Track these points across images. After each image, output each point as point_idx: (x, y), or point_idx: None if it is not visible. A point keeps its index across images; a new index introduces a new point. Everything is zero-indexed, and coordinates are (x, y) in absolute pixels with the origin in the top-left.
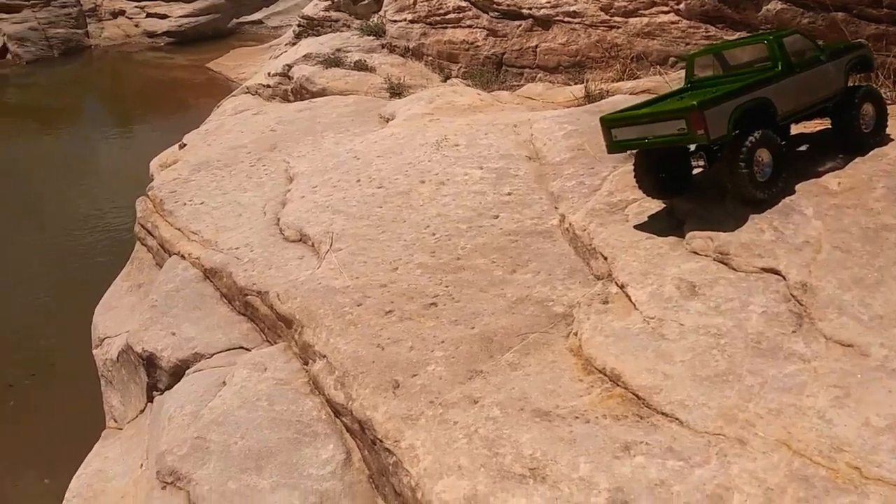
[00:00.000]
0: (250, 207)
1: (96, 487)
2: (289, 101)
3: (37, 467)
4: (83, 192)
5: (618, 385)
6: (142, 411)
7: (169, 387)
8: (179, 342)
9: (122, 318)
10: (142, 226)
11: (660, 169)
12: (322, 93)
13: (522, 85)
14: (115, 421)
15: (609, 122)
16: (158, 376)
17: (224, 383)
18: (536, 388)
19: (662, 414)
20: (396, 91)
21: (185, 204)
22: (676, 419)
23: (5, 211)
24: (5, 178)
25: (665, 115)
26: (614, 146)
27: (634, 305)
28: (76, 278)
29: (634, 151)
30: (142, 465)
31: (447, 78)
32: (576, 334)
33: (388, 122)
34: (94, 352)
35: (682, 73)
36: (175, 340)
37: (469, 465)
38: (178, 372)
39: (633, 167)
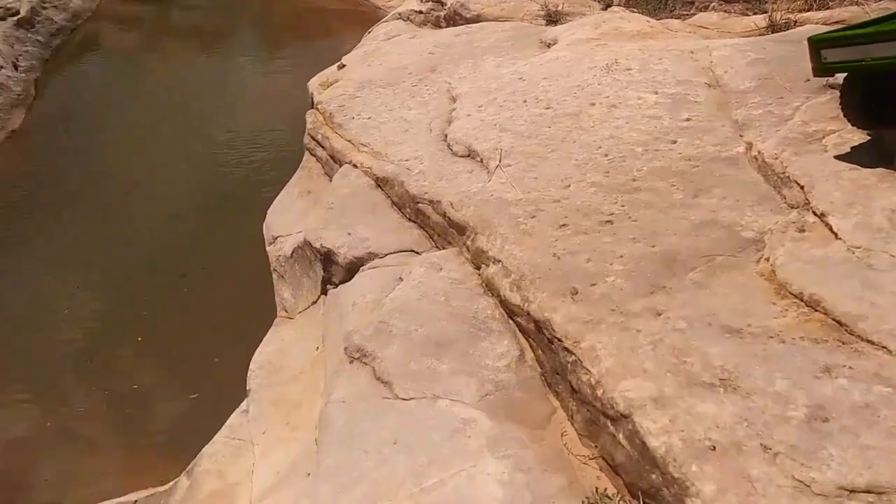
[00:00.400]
0: (416, 124)
1: (276, 363)
2: (440, 27)
3: (208, 348)
4: (243, 109)
5: (816, 311)
6: (314, 303)
7: (343, 281)
8: (355, 241)
9: (293, 220)
10: (311, 136)
11: (871, 95)
12: (476, 19)
13: (693, 14)
14: (286, 311)
15: (818, 43)
16: (334, 271)
17: (401, 279)
18: (725, 307)
19: (868, 342)
20: (553, 18)
21: (353, 118)
22: (884, 348)
23: (178, 125)
24: (173, 96)
25: (888, 34)
26: (823, 69)
27: (836, 235)
28: (245, 187)
29: (834, 81)
30: (317, 348)
31: (608, 6)
32: (767, 259)
33: (549, 47)
34: (268, 249)
35: (884, 4)
36: (350, 240)
37: (654, 369)
38: (352, 268)
39: (839, 93)
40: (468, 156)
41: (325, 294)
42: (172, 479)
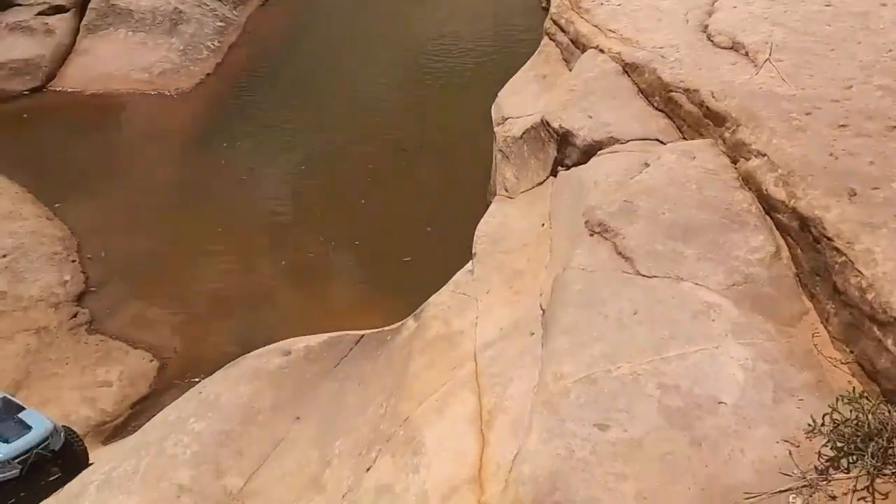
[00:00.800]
0: (670, 13)
1: (499, 234)
2: None
3: (420, 218)
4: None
5: None
6: (539, 184)
7: (577, 163)
8: (596, 125)
9: (526, 102)
10: (554, 21)
11: None
12: None
13: None
14: (506, 191)
15: None
16: (568, 153)
17: (647, 164)
18: None
19: None
20: None
21: (601, 4)
22: None
23: (402, 19)
24: None
25: None
26: None
27: None
28: (468, 74)
29: None
30: (542, 224)
31: None
32: None
33: None
34: (496, 129)
35: None
36: (592, 123)
37: None
38: (589, 151)
39: None
40: (731, 48)
41: (555, 175)
42: (386, 322)
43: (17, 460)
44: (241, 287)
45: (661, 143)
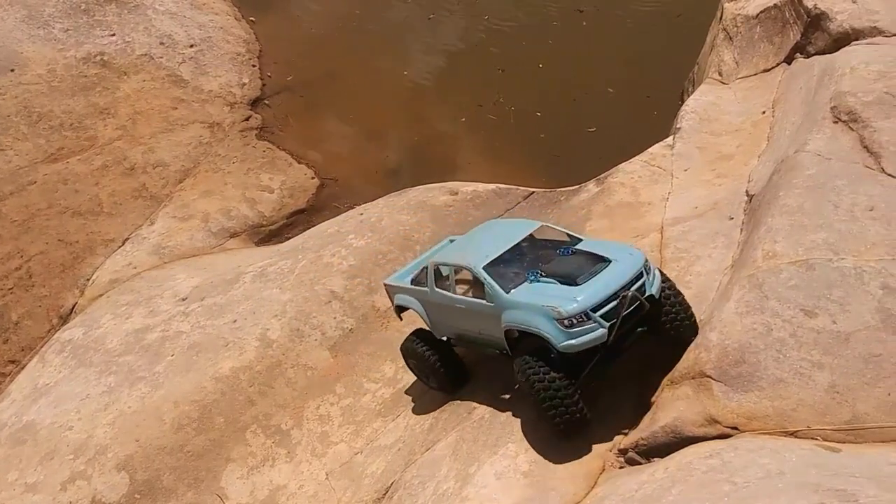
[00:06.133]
0: None
1: (709, 114)
2: None
3: (603, 81)
4: None
5: None
6: (766, 70)
7: (821, 52)
8: (860, 11)
9: None
10: None
11: None
12: None
13: None
14: (720, 75)
15: None
16: (814, 38)
17: None
18: None
19: None
20: None
21: None
22: None
23: None
24: None
25: None
26: None
27: None
28: None
29: None
30: (763, 111)
31: None
32: None
33: None
34: (726, 5)
35: None
36: (855, 8)
37: None
38: (841, 39)
39: None
40: None
41: (788, 63)
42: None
43: (600, 313)
44: (412, 127)
45: None
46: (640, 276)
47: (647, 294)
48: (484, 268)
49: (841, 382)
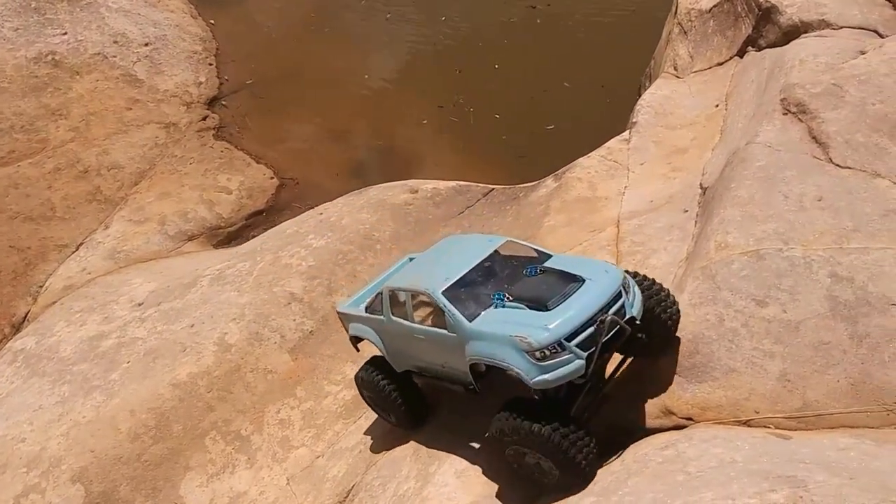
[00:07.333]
0: None
1: (664, 108)
2: None
3: (561, 88)
4: None
5: None
6: (719, 63)
7: (772, 45)
8: (808, 4)
9: None
10: None
11: None
12: None
13: None
14: (675, 69)
15: None
16: (766, 31)
17: (863, 52)
18: None
19: None
20: None
21: None
22: None
23: None
24: None
25: None
26: None
27: None
28: None
29: None
30: (717, 105)
31: None
32: None
33: None
34: (680, 0)
35: None
36: (804, 2)
37: None
38: (791, 32)
39: None
40: None
41: (740, 56)
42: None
43: (575, 341)
44: (373, 128)
45: (880, 35)
46: (618, 296)
47: (627, 317)
48: (443, 293)
49: (792, 370)
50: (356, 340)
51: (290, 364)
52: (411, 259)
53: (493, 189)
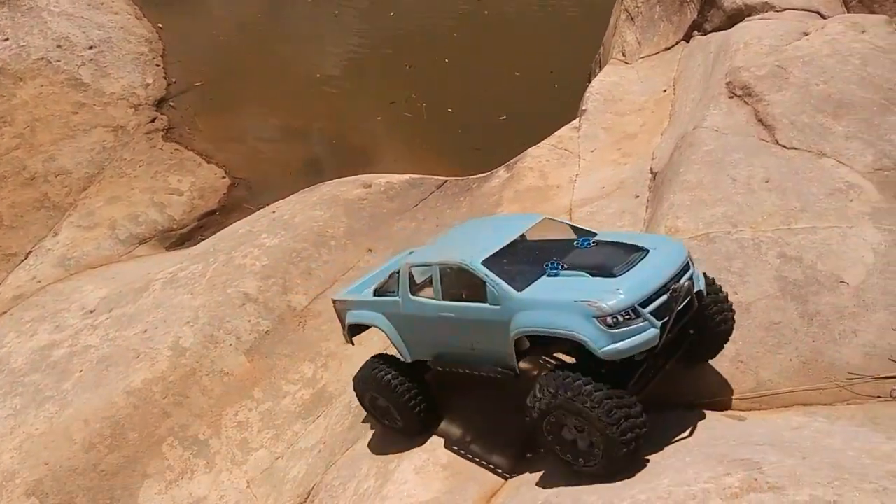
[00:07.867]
0: None
1: (613, 94)
2: None
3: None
4: None
5: None
6: (667, 48)
7: (718, 29)
8: None
9: None
10: None
11: None
12: None
13: None
14: (623, 56)
15: None
16: (710, 16)
17: (806, 33)
18: None
19: None
20: None
21: None
22: None
23: None
24: None
25: None
26: None
27: None
28: None
29: None
30: (665, 89)
31: None
32: None
33: None
34: None
35: None
36: None
37: None
38: (736, 16)
39: None
40: None
41: (687, 41)
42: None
43: (650, 308)
44: (325, 126)
45: (822, 16)
46: (686, 266)
47: (696, 290)
48: (483, 262)
49: (744, 352)
50: (354, 332)
51: (246, 365)
52: (411, 252)
53: (446, 181)
